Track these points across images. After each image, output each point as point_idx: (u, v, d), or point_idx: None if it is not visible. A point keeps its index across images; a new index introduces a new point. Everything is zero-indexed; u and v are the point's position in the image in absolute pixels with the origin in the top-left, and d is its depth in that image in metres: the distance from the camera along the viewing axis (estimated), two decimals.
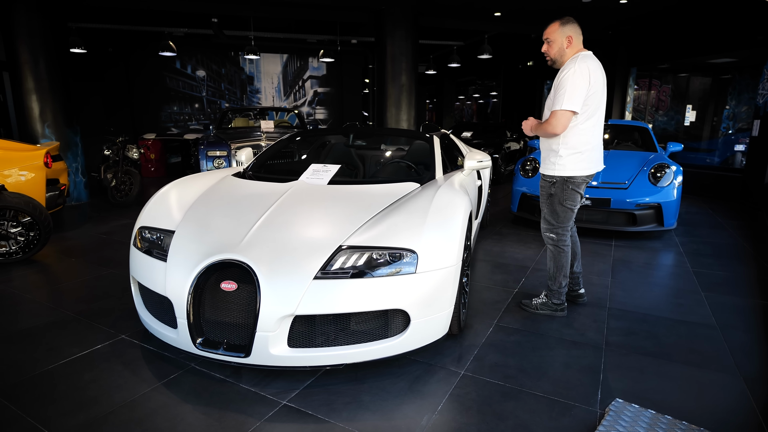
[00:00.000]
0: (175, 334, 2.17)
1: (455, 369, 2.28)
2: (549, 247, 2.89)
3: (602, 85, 2.64)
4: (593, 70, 2.56)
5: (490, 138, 9.08)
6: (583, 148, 2.66)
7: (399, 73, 7.95)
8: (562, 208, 2.78)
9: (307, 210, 2.46)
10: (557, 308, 2.92)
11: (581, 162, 2.68)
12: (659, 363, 2.37)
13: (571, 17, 2.68)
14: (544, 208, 2.87)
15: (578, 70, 2.53)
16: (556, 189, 2.76)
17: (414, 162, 3.44)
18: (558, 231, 2.82)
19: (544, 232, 2.90)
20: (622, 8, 7.60)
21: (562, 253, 2.84)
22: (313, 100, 12.74)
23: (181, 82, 11.46)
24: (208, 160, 6.28)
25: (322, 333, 2.06)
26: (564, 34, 2.65)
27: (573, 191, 2.74)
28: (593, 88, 2.56)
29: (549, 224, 2.85)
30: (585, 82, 2.52)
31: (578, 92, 2.53)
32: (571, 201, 2.76)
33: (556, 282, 2.89)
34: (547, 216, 2.86)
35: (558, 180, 2.74)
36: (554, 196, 2.78)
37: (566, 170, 2.70)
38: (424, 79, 17.02)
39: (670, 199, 4.59)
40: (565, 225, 2.81)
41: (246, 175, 3.17)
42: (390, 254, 2.11)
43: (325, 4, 7.90)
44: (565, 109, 2.54)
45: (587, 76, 2.53)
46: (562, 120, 2.56)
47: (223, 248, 2.14)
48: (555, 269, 2.87)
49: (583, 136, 2.65)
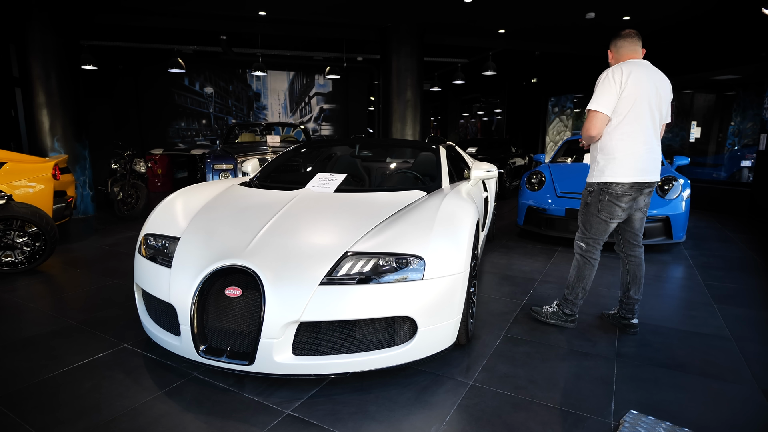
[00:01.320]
0: (178, 342, 2.13)
1: (463, 379, 2.23)
2: (576, 256, 2.78)
3: (647, 92, 2.49)
4: (629, 73, 2.46)
5: (495, 153, 9.10)
6: (618, 153, 2.53)
7: (404, 88, 8.02)
8: (597, 220, 2.64)
9: (313, 217, 2.44)
10: (567, 319, 2.82)
11: (618, 168, 2.54)
12: (674, 374, 2.30)
13: (621, 33, 2.63)
14: (580, 215, 2.78)
15: (609, 73, 2.48)
16: (592, 198, 2.65)
17: (420, 172, 3.43)
18: (589, 242, 2.70)
19: (576, 239, 2.80)
20: (626, 25, 7.67)
21: (588, 265, 2.72)
22: (318, 117, 12.87)
23: (189, 99, 11.62)
24: (215, 174, 6.32)
25: (327, 340, 2.02)
26: (608, 49, 2.71)
27: (610, 203, 2.58)
28: (628, 92, 2.46)
29: (582, 233, 2.75)
30: (614, 85, 2.46)
31: (606, 94, 2.47)
32: (607, 213, 2.60)
33: (573, 292, 2.78)
34: (580, 224, 2.76)
35: (595, 188, 2.63)
36: (590, 206, 2.67)
37: (603, 176, 2.58)
38: (428, 96, 17.19)
39: (678, 212, 4.54)
40: (598, 238, 2.68)
41: (252, 184, 3.17)
42: (397, 260, 2.08)
43: (332, 22, 8.04)
44: (593, 109, 2.49)
45: (619, 78, 2.45)
46: (593, 121, 2.51)
47: (228, 254, 2.12)
48: (575, 279, 2.76)
49: (619, 141, 2.53)
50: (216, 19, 7.83)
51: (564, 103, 13.42)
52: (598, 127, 2.52)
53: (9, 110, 8.83)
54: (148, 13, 7.47)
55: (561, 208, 4.85)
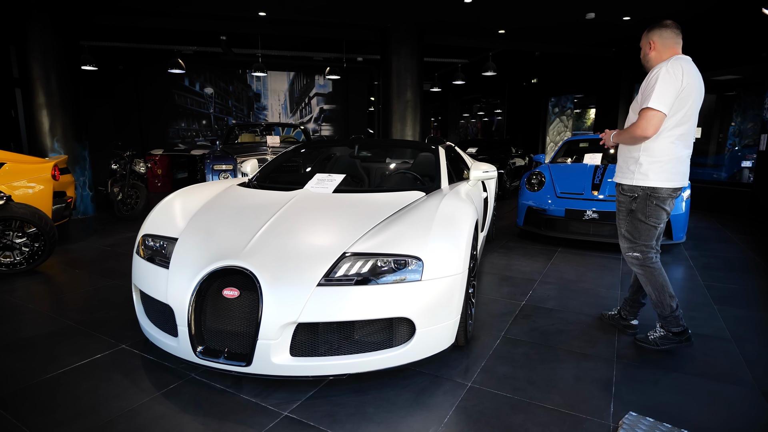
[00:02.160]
0: (176, 343, 2.13)
1: (462, 381, 2.22)
2: (636, 269, 2.56)
3: (698, 92, 2.37)
4: (688, 72, 2.31)
5: (496, 154, 9.09)
6: (665, 157, 2.39)
7: (404, 89, 8.02)
8: (646, 226, 2.48)
9: (311, 217, 2.43)
10: (681, 339, 2.51)
11: (663, 173, 2.40)
12: (674, 376, 2.29)
13: (663, 23, 2.44)
14: (623, 225, 2.58)
15: (670, 69, 2.29)
16: (638, 204, 2.48)
17: (419, 173, 3.42)
18: (642, 249, 2.51)
19: (625, 252, 2.58)
20: (626, 25, 7.67)
21: (654, 270, 2.50)
22: (319, 117, 12.87)
23: (189, 99, 11.63)
24: (214, 174, 6.31)
25: (325, 342, 2.01)
26: (647, 40, 2.48)
27: (658, 207, 2.44)
28: (686, 92, 2.32)
29: (630, 242, 2.55)
30: (676, 83, 2.28)
31: (668, 92, 2.28)
32: (656, 218, 2.46)
33: (663, 306, 2.51)
34: (626, 233, 2.56)
35: (640, 194, 2.46)
36: (636, 212, 2.49)
37: (648, 180, 2.42)
38: (429, 96, 17.17)
39: (678, 213, 4.53)
40: (649, 243, 2.51)
41: (251, 184, 3.16)
42: (395, 261, 2.07)
43: (332, 23, 8.04)
44: (655, 108, 2.28)
45: (680, 76, 2.28)
46: (652, 121, 2.29)
47: (226, 255, 2.11)
48: (655, 293, 2.51)
49: (670, 145, 2.38)
50: (216, 19, 7.83)
51: (564, 103, 13.41)
52: (656, 127, 2.31)
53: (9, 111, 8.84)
54: (147, 13, 7.48)
55: (561, 208, 4.84)
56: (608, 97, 10.10)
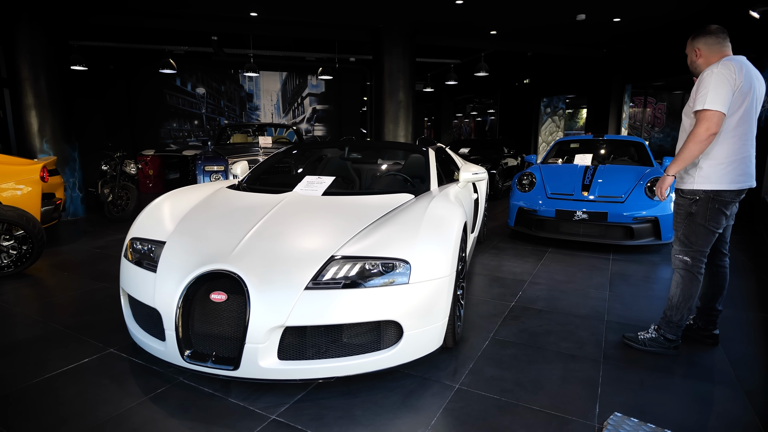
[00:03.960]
0: (163, 347, 2.12)
1: (450, 383, 2.23)
2: (679, 272, 2.49)
3: (757, 90, 2.31)
4: (740, 70, 2.25)
5: (488, 154, 9.12)
6: (728, 159, 2.31)
7: (396, 89, 8.03)
8: (705, 230, 2.39)
9: (299, 220, 2.43)
10: (670, 346, 2.52)
11: (728, 174, 2.32)
12: (659, 376, 2.32)
13: (707, 29, 2.41)
14: (680, 228, 2.48)
15: (721, 70, 2.23)
16: (698, 207, 2.38)
17: (409, 174, 3.43)
18: (695, 255, 2.43)
19: (675, 254, 2.51)
20: (616, 26, 7.73)
21: (695, 281, 2.44)
22: (311, 117, 12.85)
23: (181, 99, 11.57)
24: (206, 175, 6.29)
25: (313, 345, 2.02)
26: (692, 47, 2.46)
27: (719, 211, 2.36)
28: (743, 90, 2.26)
29: (685, 246, 2.46)
30: (730, 80, 2.21)
31: (722, 90, 2.20)
32: (716, 222, 2.38)
33: (678, 313, 2.48)
34: (682, 237, 2.47)
35: (702, 197, 2.37)
36: (696, 216, 2.39)
37: (710, 182, 2.34)
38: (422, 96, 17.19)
39: (667, 213, 4.57)
40: (704, 250, 2.43)
41: (240, 187, 3.16)
42: (383, 264, 2.08)
43: (324, 23, 8.03)
44: (712, 109, 2.20)
45: (733, 75, 2.22)
46: (713, 119, 2.21)
47: (214, 258, 2.11)
48: (682, 299, 2.46)
49: (732, 146, 2.31)
50: (207, 19, 7.80)
51: (556, 103, 13.49)
52: (718, 125, 2.22)
53: None
54: (138, 13, 7.43)
55: (551, 209, 4.87)
56: (599, 97, 10.17)
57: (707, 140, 2.24)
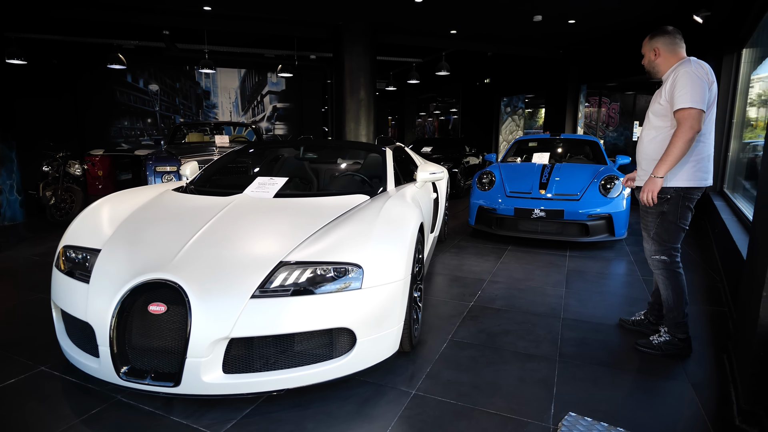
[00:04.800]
0: (97, 364, 1.96)
1: (407, 389, 2.17)
2: (662, 273, 2.51)
3: (715, 91, 2.35)
4: (710, 70, 2.30)
5: (450, 153, 9.17)
6: (695, 157, 2.35)
7: (357, 88, 7.93)
8: (677, 228, 2.43)
9: (248, 224, 2.31)
10: (684, 345, 2.51)
11: (697, 172, 2.36)
12: (612, 373, 2.35)
13: (664, 30, 2.46)
14: (651, 228, 2.49)
15: (695, 69, 2.26)
16: (670, 206, 2.41)
17: (366, 175, 3.36)
18: (670, 252, 2.47)
19: (651, 255, 2.53)
20: (571, 27, 7.93)
21: (679, 276, 2.48)
22: (272, 116, 12.55)
23: (132, 96, 11.02)
24: (157, 176, 5.99)
25: (261, 356, 1.91)
26: (651, 47, 2.48)
27: (688, 208, 2.42)
28: (713, 90, 2.30)
29: (659, 245, 2.48)
30: (704, 80, 2.25)
31: (700, 88, 2.22)
32: (686, 219, 2.43)
33: (679, 313, 2.48)
34: (655, 236, 2.49)
35: (673, 195, 2.39)
36: (667, 214, 2.42)
37: (681, 180, 2.36)
38: (385, 95, 17.17)
39: (620, 210, 4.71)
40: (677, 246, 2.48)
41: (188, 189, 2.99)
42: (335, 269, 2.00)
43: (281, 19, 7.83)
44: (693, 107, 2.20)
45: (706, 74, 2.27)
46: (697, 118, 2.20)
47: (152, 267, 1.97)
48: (675, 298, 2.48)
49: (699, 144, 2.33)
50: (158, 13, 7.44)
51: (516, 103, 13.76)
52: (701, 122, 2.23)
53: None
54: (82, 5, 7.00)
55: (510, 207, 4.92)
56: (556, 97, 10.43)
57: (693, 138, 2.24)
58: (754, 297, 1.92)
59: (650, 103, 2.52)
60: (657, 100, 2.44)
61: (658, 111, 2.43)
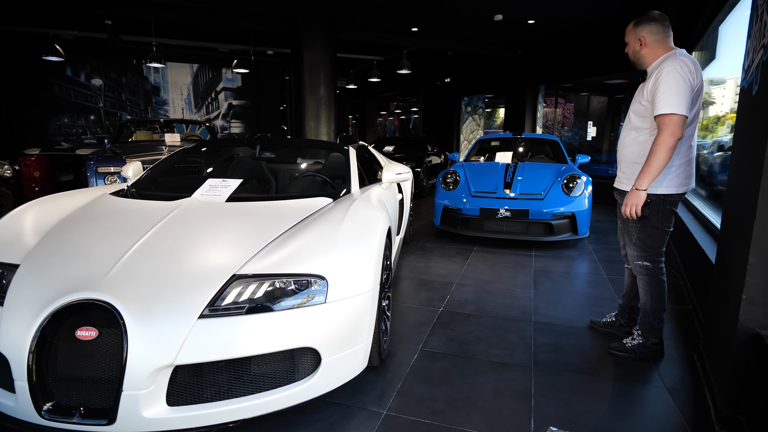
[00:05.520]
0: (13, 401, 1.66)
1: (377, 409, 2.00)
2: (643, 278, 2.44)
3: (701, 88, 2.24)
4: (696, 68, 2.18)
5: (412, 152, 9.08)
6: (677, 162, 2.25)
7: (317, 85, 7.67)
8: (660, 232, 2.35)
9: (196, 233, 2.06)
10: (657, 348, 2.47)
11: (676, 178, 2.27)
12: (588, 380, 2.27)
13: (651, 15, 2.29)
14: (633, 233, 2.40)
15: (680, 70, 2.12)
16: (651, 211, 2.31)
17: (328, 175, 3.16)
18: (654, 258, 2.39)
19: (634, 260, 2.44)
20: (530, 28, 8.00)
21: (660, 282, 2.41)
22: (227, 113, 12.03)
23: (72, 92, 10.24)
24: (99, 178, 5.52)
25: (212, 384, 1.68)
26: (636, 36, 2.32)
27: (671, 211, 2.32)
28: (698, 91, 2.20)
29: (642, 251, 2.40)
30: (690, 81, 2.13)
31: (684, 92, 2.11)
32: (669, 223, 2.34)
33: (655, 318, 2.44)
34: (638, 242, 2.40)
35: (654, 200, 2.29)
36: (649, 219, 2.33)
37: (661, 187, 2.27)
38: (346, 93, 16.93)
39: (582, 209, 4.73)
40: (661, 250, 2.39)
41: (128, 192, 2.68)
42: (295, 282, 1.79)
43: (235, 11, 7.45)
44: (676, 113, 2.09)
45: (692, 74, 2.14)
46: (679, 124, 2.10)
47: (81, 285, 1.69)
48: (653, 303, 2.42)
49: (681, 147, 2.23)
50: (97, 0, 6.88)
51: (476, 102, 13.88)
52: (683, 129, 2.12)
53: None
54: None
55: (476, 207, 4.85)
56: (517, 96, 10.56)
57: (675, 146, 2.13)
58: (732, 302, 1.87)
59: (632, 101, 2.42)
60: (638, 99, 2.33)
61: (639, 111, 2.33)
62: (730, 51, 4.32)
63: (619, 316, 2.79)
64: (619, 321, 2.78)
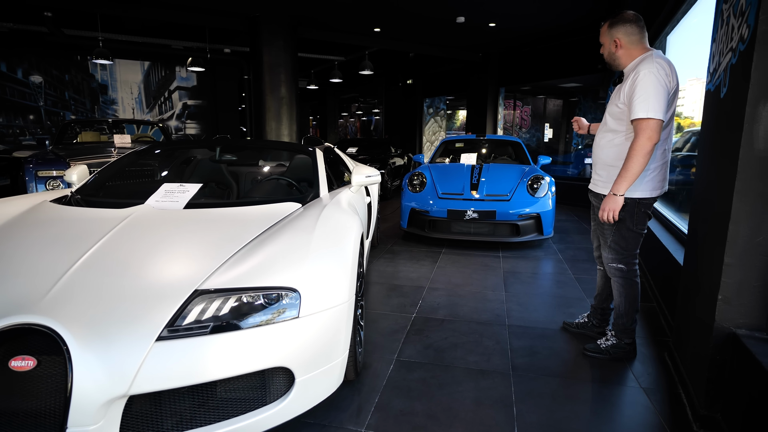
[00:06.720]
0: None
1: (355, 427, 1.88)
2: (617, 280, 2.44)
3: (677, 90, 2.22)
4: (672, 71, 2.16)
5: (376, 154, 9.00)
6: (652, 165, 2.24)
7: (278, 85, 7.45)
8: (634, 234, 2.34)
9: (151, 244, 1.87)
10: (630, 348, 2.48)
11: (651, 181, 2.26)
12: (566, 384, 2.24)
13: (625, 16, 2.25)
14: (608, 236, 2.39)
15: (656, 72, 2.09)
16: (626, 213, 2.29)
17: (295, 179, 3.00)
18: (628, 260, 2.38)
19: (609, 263, 2.43)
20: (491, 31, 8.10)
21: (634, 284, 2.41)
22: (182, 114, 11.51)
23: (8, 89, 9.47)
24: (39, 182, 5.08)
25: (173, 413, 1.50)
26: (611, 37, 2.28)
27: (645, 214, 2.32)
28: (674, 94, 2.19)
29: (617, 253, 2.38)
30: (666, 84, 2.10)
31: (660, 96, 2.08)
32: (643, 225, 2.34)
33: (629, 319, 2.44)
34: (613, 245, 2.38)
35: (628, 203, 2.27)
36: (624, 221, 2.31)
37: (637, 190, 2.26)
38: (306, 94, 16.64)
39: (547, 209, 4.79)
40: (635, 252, 2.39)
41: (72, 199, 2.43)
42: (264, 296, 1.65)
43: (189, 6, 7.11)
44: (652, 117, 2.07)
45: (668, 76, 2.12)
46: (655, 129, 2.08)
47: (15, 308, 1.47)
48: (627, 305, 2.42)
49: (656, 150, 2.21)
50: None
51: (438, 104, 13.99)
52: (659, 134, 2.11)
53: None
54: None
55: (443, 209, 4.81)
56: (478, 98, 10.69)
57: (651, 150, 2.11)
58: (707, 302, 1.88)
59: (608, 103, 2.40)
60: (615, 101, 2.30)
61: (615, 113, 2.31)
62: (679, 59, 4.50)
63: (591, 317, 2.80)
64: (591, 322, 2.79)
